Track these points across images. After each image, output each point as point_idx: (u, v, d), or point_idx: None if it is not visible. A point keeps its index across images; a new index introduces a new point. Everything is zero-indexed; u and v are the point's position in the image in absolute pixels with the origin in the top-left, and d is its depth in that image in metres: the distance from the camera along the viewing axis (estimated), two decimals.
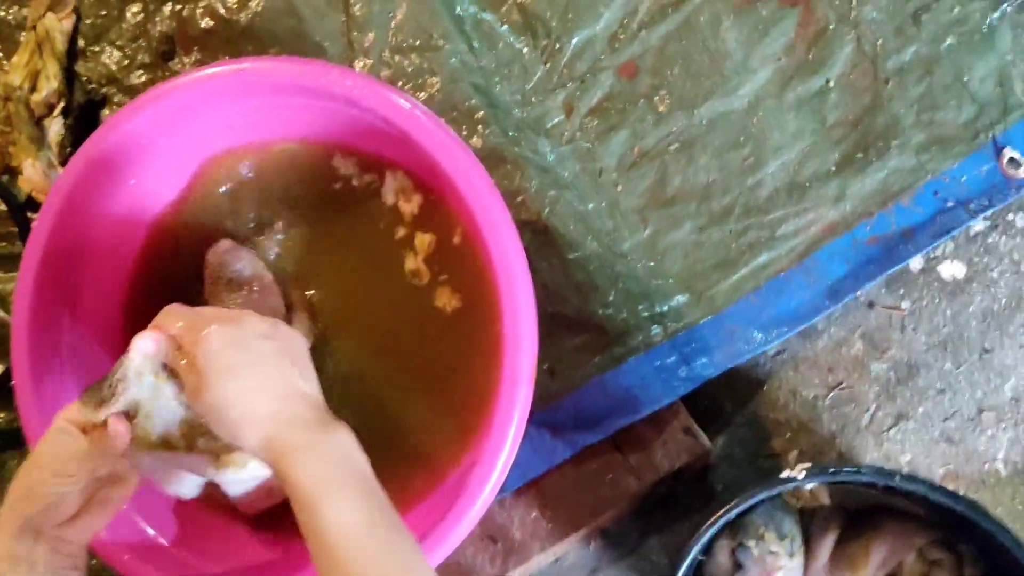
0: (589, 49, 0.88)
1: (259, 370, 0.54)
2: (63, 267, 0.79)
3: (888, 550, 0.74)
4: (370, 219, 0.81)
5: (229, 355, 0.54)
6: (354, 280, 0.82)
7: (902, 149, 0.84)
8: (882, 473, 0.68)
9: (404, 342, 0.80)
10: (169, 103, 0.76)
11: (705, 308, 0.85)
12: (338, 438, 0.53)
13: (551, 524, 0.86)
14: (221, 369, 0.53)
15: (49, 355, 0.79)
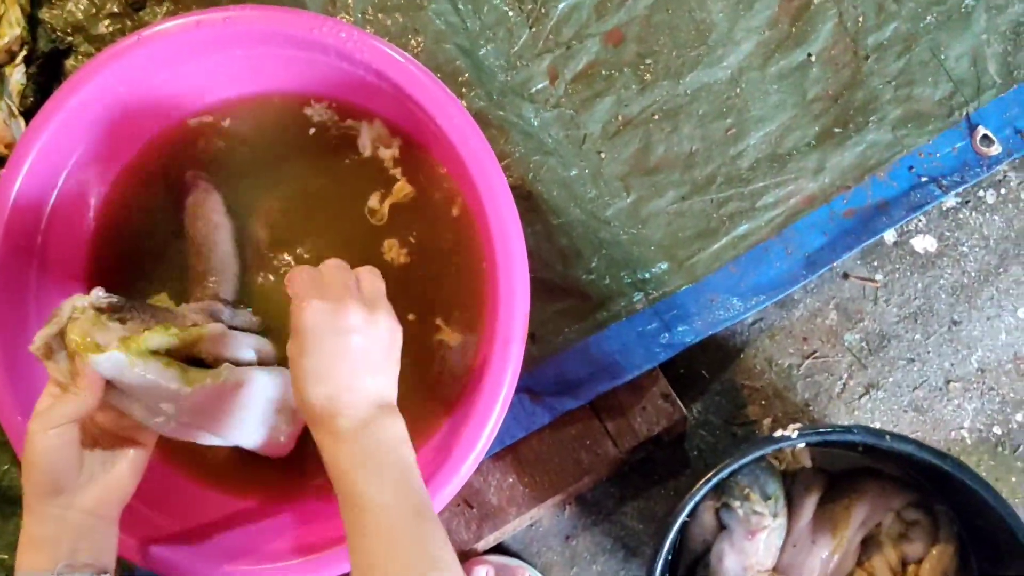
0: (575, 15, 0.88)
1: (332, 367, 0.57)
2: (30, 221, 0.76)
3: (868, 511, 0.77)
4: (348, 170, 0.80)
5: (315, 338, 0.57)
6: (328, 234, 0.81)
7: (879, 124, 0.86)
8: (872, 432, 0.70)
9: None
10: (150, 51, 0.73)
11: (686, 276, 0.86)
12: (382, 429, 0.57)
13: (528, 489, 0.86)
14: (305, 353, 0.58)
15: (15, 315, 0.76)
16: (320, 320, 0.57)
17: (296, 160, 0.80)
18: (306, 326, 0.57)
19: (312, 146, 0.80)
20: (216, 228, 0.78)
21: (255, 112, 0.80)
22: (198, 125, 0.81)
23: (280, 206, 0.80)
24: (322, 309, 0.58)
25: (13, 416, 0.73)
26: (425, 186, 0.79)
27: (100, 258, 0.81)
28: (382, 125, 0.79)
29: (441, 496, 0.70)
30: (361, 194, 0.79)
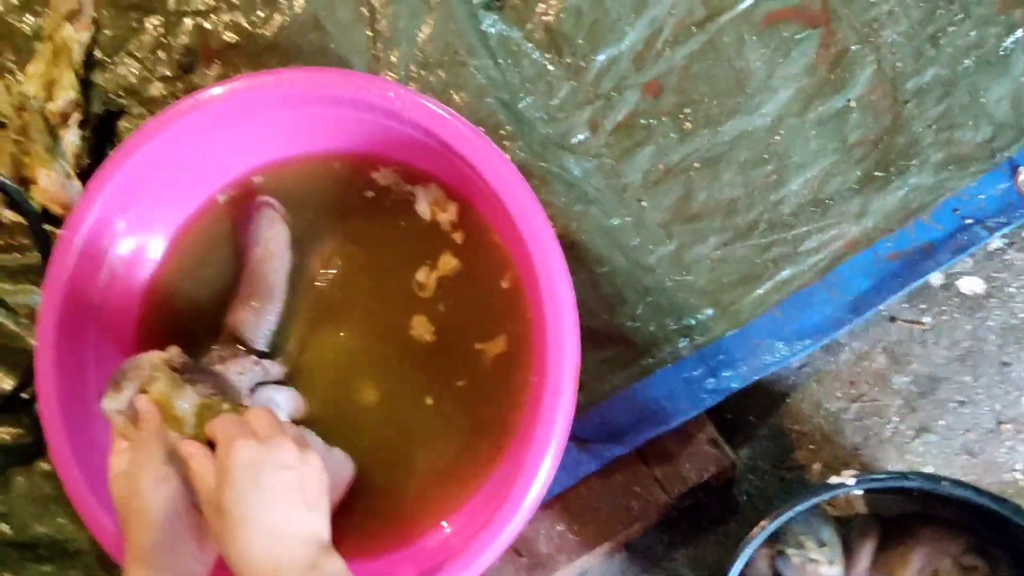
0: (614, 67, 0.90)
1: (265, 506, 0.55)
2: (89, 280, 0.78)
3: (925, 557, 0.76)
4: (404, 231, 0.81)
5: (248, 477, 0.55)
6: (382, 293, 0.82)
7: (921, 167, 0.86)
8: (928, 478, 0.69)
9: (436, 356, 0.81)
10: (204, 113, 0.76)
11: (731, 321, 0.86)
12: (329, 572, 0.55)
13: (577, 537, 0.87)
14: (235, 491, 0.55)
15: (76, 371, 0.78)
16: (253, 457, 0.56)
17: (351, 221, 0.82)
18: (237, 465, 0.55)
19: (368, 208, 0.82)
20: (272, 257, 0.80)
21: (307, 172, 0.82)
22: (251, 185, 0.83)
23: (334, 262, 0.82)
24: (254, 447, 0.56)
25: (71, 471, 0.75)
26: (473, 237, 0.80)
27: (153, 317, 0.84)
28: (438, 188, 0.81)
29: (493, 548, 0.70)
30: (415, 257, 0.81)
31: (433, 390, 0.80)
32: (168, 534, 0.58)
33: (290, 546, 0.55)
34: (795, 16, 0.88)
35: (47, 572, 0.90)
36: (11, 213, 0.94)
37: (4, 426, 0.92)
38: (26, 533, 0.90)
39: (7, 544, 0.90)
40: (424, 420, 0.80)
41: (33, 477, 0.92)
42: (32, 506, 0.91)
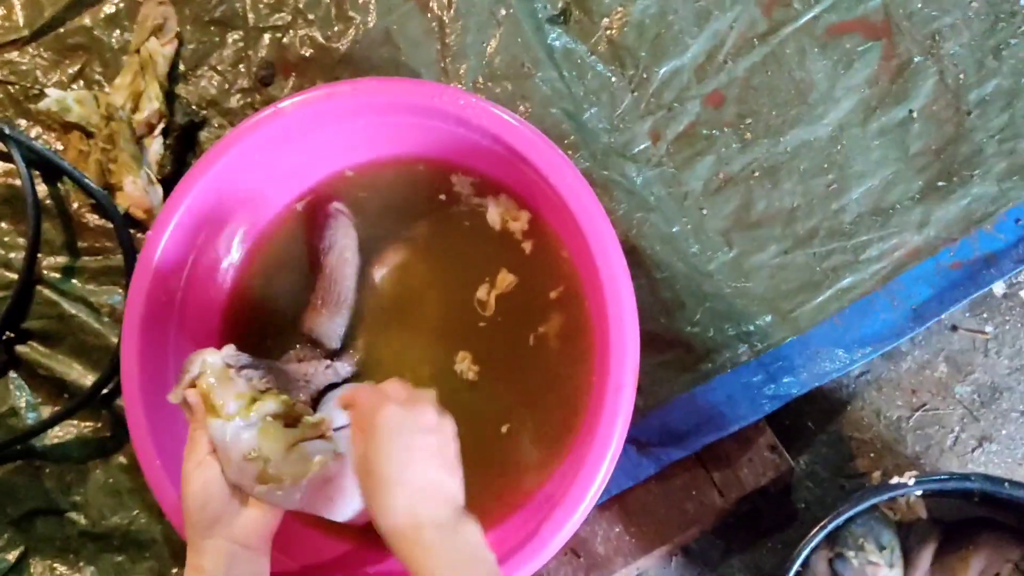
0: (676, 79, 0.92)
1: (411, 466, 0.58)
2: (172, 280, 0.82)
3: (985, 562, 0.76)
4: (474, 239, 0.84)
5: (391, 438, 0.58)
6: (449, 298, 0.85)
7: (984, 177, 0.86)
8: (990, 480, 0.69)
9: (502, 353, 0.83)
10: (284, 122, 0.79)
11: (790, 328, 0.87)
12: (466, 536, 0.57)
13: (634, 539, 0.88)
14: (382, 453, 0.58)
15: (157, 367, 0.81)
16: (396, 420, 0.58)
17: (422, 226, 0.85)
18: (384, 427, 0.58)
19: (439, 215, 0.85)
20: (345, 263, 0.83)
21: (381, 177, 0.85)
22: (327, 190, 0.86)
23: (403, 267, 0.85)
24: (398, 411, 0.59)
25: (153, 462, 0.78)
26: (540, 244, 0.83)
27: (232, 319, 0.87)
28: (508, 199, 0.84)
29: (551, 545, 0.72)
30: (483, 264, 0.84)
31: (496, 391, 0.82)
32: (207, 511, 0.62)
33: (431, 505, 0.57)
34: (857, 28, 0.90)
35: (120, 562, 0.93)
36: (96, 217, 0.99)
37: (85, 420, 0.96)
38: (101, 524, 0.94)
39: (82, 534, 0.94)
40: (488, 419, 0.82)
41: (110, 470, 0.95)
42: (108, 498, 0.94)
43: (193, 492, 0.63)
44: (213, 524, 0.62)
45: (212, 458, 0.64)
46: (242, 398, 0.67)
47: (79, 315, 0.96)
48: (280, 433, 0.67)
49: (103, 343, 0.96)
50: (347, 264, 0.83)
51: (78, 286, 0.98)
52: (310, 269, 0.85)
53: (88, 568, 0.94)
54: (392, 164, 0.85)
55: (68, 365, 0.96)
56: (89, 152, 0.97)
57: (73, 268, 0.99)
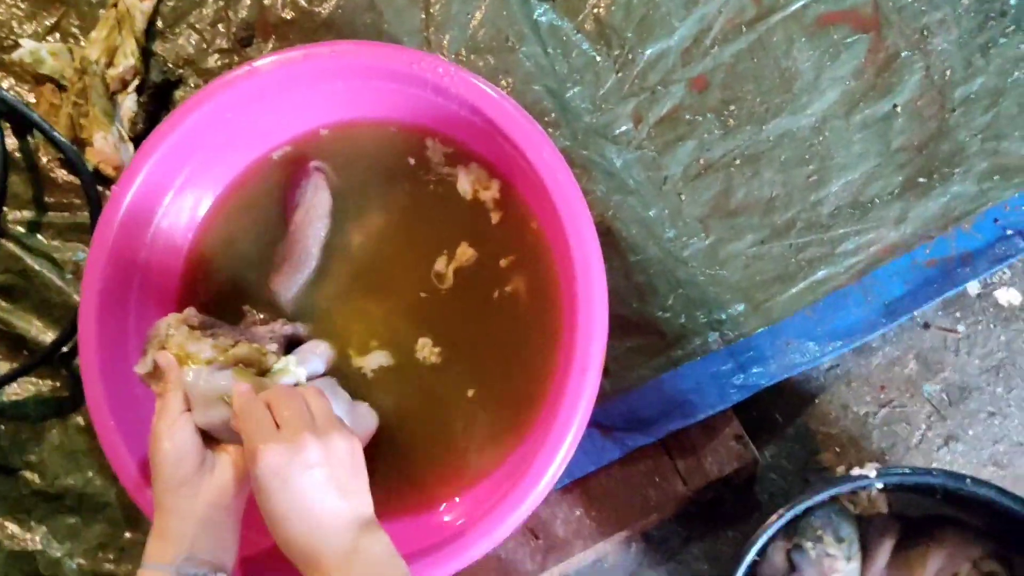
0: (662, 61, 0.91)
1: (299, 503, 0.57)
2: (137, 237, 0.80)
3: (944, 559, 0.75)
4: (444, 207, 0.82)
5: (277, 481, 0.57)
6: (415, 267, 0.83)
7: (965, 176, 0.86)
8: (952, 476, 0.69)
9: (462, 326, 0.81)
10: (259, 81, 0.77)
11: (762, 318, 0.86)
12: (369, 553, 0.57)
13: (595, 523, 0.87)
14: (267, 498, 0.57)
15: (116, 327, 0.80)
16: (278, 463, 0.57)
17: (393, 192, 0.83)
18: (265, 472, 0.57)
19: (412, 182, 0.83)
20: (311, 223, 0.81)
21: (356, 139, 0.84)
22: (299, 152, 0.84)
23: (372, 231, 0.83)
24: (278, 451, 0.57)
25: (107, 423, 0.76)
26: (511, 217, 0.81)
27: (196, 281, 0.85)
28: (480, 167, 0.82)
29: (509, 522, 0.71)
30: (452, 233, 0.82)
31: (459, 364, 0.80)
32: (179, 470, 0.62)
33: (327, 534, 0.57)
34: (846, 19, 0.89)
35: (72, 524, 0.92)
36: (65, 173, 0.97)
37: (43, 379, 0.94)
38: (56, 485, 0.92)
39: (36, 494, 0.93)
40: (447, 394, 0.80)
41: (67, 431, 0.94)
42: (63, 459, 0.93)
43: (165, 450, 0.62)
44: (183, 484, 0.62)
45: (186, 416, 0.63)
46: (215, 348, 0.67)
47: (43, 271, 0.94)
48: (253, 379, 0.66)
49: (65, 301, 0.94)
50: (312, 224, 0.81)
51: (43, 242, 0.96)
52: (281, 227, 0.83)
53: (40, 528, 0.92)
54: (367, 128, 0.83)
55: (28, 321, 0.94)
56: (61, 106, 0.95)
57: (39, 223, 0.97)
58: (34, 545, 0.92)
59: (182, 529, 0.60)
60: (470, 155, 0.82)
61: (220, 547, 0.62)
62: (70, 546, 0.92)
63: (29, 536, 0.92)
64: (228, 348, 0.68)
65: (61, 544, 0.92)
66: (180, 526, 0.60)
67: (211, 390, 0.64)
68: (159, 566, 0.59)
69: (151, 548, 0.60)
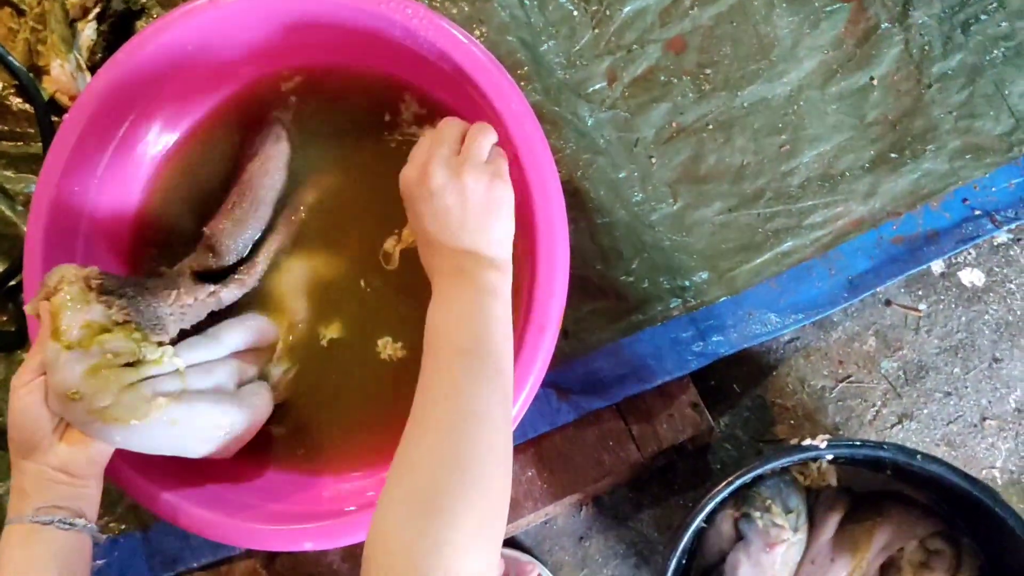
0: (640, 20, 0.89)
1: (427, 220, 0.62)
2: (87, 170, 0.77)
3: (891, 535, 0.75)
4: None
5: (411, 203, 0.64)
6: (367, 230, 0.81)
7: (937, 153, 0.85)
8: (903, 451, 0.69)
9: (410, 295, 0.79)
10: (221, 13, 0.74)
11: (725, 287, 0.85)
12: (474, 281, 0.60)
13: (546, 485, 0.86)
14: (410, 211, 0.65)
15: (64, 253, 0.77)
16: (410, 187, 0.64)
17: (351, 149, 0.81)
18: (404, 195, 0.65)
19: (371, 138, 0.81)
20: (267, 173, 0.78)
21: (319, 87, 0.81)
22: (260, 91, 0.82)
23: (327, 190, 0.81)
24: (409, 178, 0.64)
25: None
26: None
27: (145, 221, 0.82)
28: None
29: None
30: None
31: (404, 330, 0.79)
32: (25, 434, 0.60)
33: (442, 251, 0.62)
34: None
35: None
36: (20, 101, 0.94)
37: None
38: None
39: None
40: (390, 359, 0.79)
41: (12, 367, 0.91)
42: (7, 394, 0.90)
43: (14, 411, 0.60)
44: (33, 449, 0.60)
45: (40, 381, 0.60)
46: (89, 327, 0.62)
47: None
48: (115, 374, 0.62)
49: (14, 233, 0.91)
50: (268, 175, 0.78)
51: None
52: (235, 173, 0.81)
53: None
54: (334, 73, 0.81)
55: None
56: (19, 31, 0.92)
57: None
58: None
59: (36, 486, 0.59)
60: (439, 110, 0.79)
61: (77, 497, 0.61)
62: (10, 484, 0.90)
63: None
64: (111, 326, 0.63)
65: (3, 482, 0.90)
66: (33, 484, 0.59)
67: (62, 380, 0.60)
68: (18, 518, 0.58)
69: (11, 503, 0.60)
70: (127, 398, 0.61)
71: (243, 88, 0.82)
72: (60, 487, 0.60)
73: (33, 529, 0.58)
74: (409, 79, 0.80)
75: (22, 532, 0.58)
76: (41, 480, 0.60)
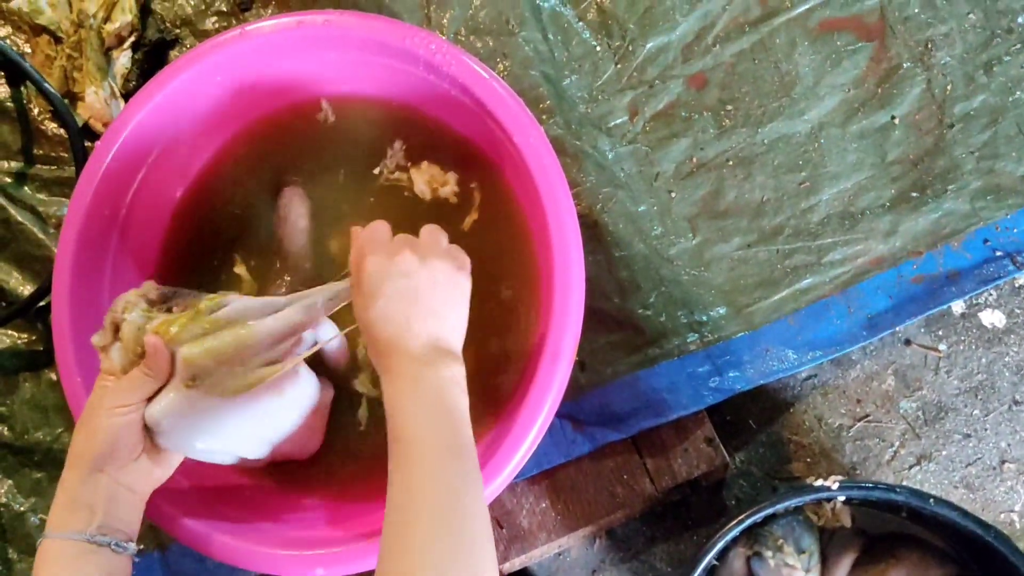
0: (662, 56, 0.90)
1: (390, 304, 0.60)
2: (118, 192, 0.79)
3: None
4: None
5: (373, 284, 0.61)
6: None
7: (958, 193, 0.85)
8: (916, 494, 0.68)
9: None
10: (251, 45, 0.76)
11: (743, 323, 0.85)
12: (439, 372, 0.59)
13: (560, 516, 0.86)
14: (366, 294, 0.61)
15: (91, 286, 0.79)
16: (376, 268, 0.61)
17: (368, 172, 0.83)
18: (367, 276, 0.61)
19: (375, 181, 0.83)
20: (296, 231, 0.81)
21: (345, 113, 0.83)
22: (288, 120, 0.84)
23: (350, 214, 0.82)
24: (379, 259, 0.62)
25: (73, 379, 0.75)
26: (490, 202, 0.80)
27: (177, 244, 0.84)
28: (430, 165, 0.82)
29: None
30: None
31: None
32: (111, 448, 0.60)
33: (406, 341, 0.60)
34: (851, 26, 0.88)
35: (38, 479, 0.92)
36: (56, 126, 0.96)
37: (19, 332, 0.94)
38: (24, 439, 0.92)
39: (4, 446, 0.92)
40: None
41: (39, 385, 0.93)
42: (34, 412, 0.92)
43: (102, 427, 0.60)
44: (109, 462, 0.60)
45: (142, 406, 0.61)
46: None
47: (26, 223, 0.94)
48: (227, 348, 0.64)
49: (46, 255, 0.94)
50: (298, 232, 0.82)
51: (29, 194, 0.96)
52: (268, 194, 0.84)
53: (6, 481, 0.92)
54: (356, 103, 0.82)
55: (8, 273, 0.94)
56: (55, 58, 0.95)
57: (26, 175, 0.96)
58: None
59: (94, 502, 0.59)
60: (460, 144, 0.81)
61: (130, 520, 0.62)
62: (35, 501, 0.91)
63: None
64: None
65: (26, 499, 0.91)
66: (95, 499, 0.59)
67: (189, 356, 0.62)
68: (72, 534, 0.58)
69: (58, 517, 0.59)
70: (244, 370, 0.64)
71: (269, 116, 0.84)
72: (120, 506, 0.61)
73: (88, 548, 0.58)
74: (430, 110, 0.81)
75: (75, 550, 0.58)
76: (105, 493, 0.60)
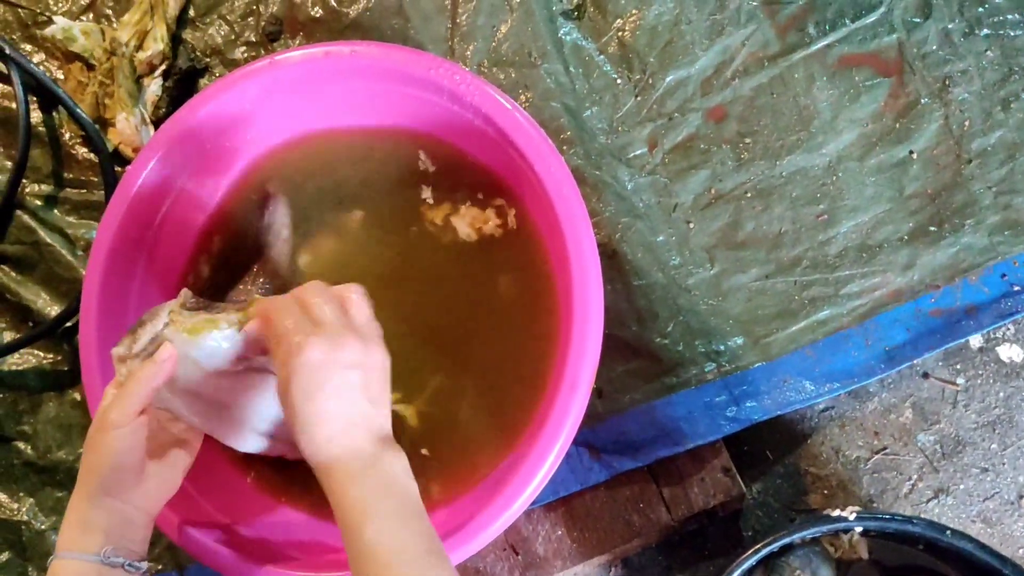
0: (681, 89, 0.91)
1: (331, 402, 0.56)
2: (147, 216, 0.81)
3: None
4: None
5: (317, 378, 0.55)
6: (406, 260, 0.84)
7: (976, 228, 0.85)
8: (933, 526, 0.68)
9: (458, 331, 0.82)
10: (279, 74, 0.78)
11: (760, 353, 0.86)
12: (387, 467, 0.56)
13: (576, 544, 0.86)
14: (303, 392, 0.55)
15: (118, 307, 0.80)
16: (320, 359, 0.55)
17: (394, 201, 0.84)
18: (306, 366, 0.55)
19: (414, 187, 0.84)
20: (277, 239, 0.84)
21: (365, 143, 0.84)
22: (312, 147, 0.85)
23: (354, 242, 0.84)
24: (321, 347, 0.55)
25: (98, 397, 0.77)
26: (515, 230, 0.81)
27: (201, 260, 0.86)
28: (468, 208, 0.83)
29: (485, 535, 0.70)
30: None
31: (451, 373, 0.81)
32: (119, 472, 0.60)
33: (351, 438, 0.55)
34: (869, 62, 0.89)
35: (60, 497, 0.93)
36: (86, 151, 0.98)
37: (45, 352, 0.95)
38: (47, 457, 0.93)
39: (27, 464, 0.93)
40: (448, 404, 0.80)
41: (63, 405, 0.94)
42: (57, 432, 0.94)
43: (110, 451, 0.60)
44: (118, 485, 0.60)
45: (143, 420, 0.61)
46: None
47: (55, 245, 0.96)
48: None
49: (74, 276, 0.95)
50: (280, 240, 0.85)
51: (58, 216, 0.97)
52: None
53: (28, 499, 0.93)
54: (383, 132, 0.84)
55: (36, 293, 0.96)
56: (88, 84, 0.97)
57: (56, 198, 0.98)
58: (20, 516, 0.92)
59: (108, 523, 0.59)
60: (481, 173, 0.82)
61: (141, 539, 0.62)
62: (56, 520, 0.92)
63: (16, 506, 0.92)
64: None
65: (47, 518, 0.92)
66: (108, 522, 0.59)
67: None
68: (85, 555, 0.58)
69: (71, 538, 0.59)
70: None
71: (295, 144, 0.85)
72: (131, 527, 0.61)
73: (101, 570, 0.58)
74: (452, 140, 0.82)
75: (88, 570, 0.58)
76: (117, 516, 0.60)
